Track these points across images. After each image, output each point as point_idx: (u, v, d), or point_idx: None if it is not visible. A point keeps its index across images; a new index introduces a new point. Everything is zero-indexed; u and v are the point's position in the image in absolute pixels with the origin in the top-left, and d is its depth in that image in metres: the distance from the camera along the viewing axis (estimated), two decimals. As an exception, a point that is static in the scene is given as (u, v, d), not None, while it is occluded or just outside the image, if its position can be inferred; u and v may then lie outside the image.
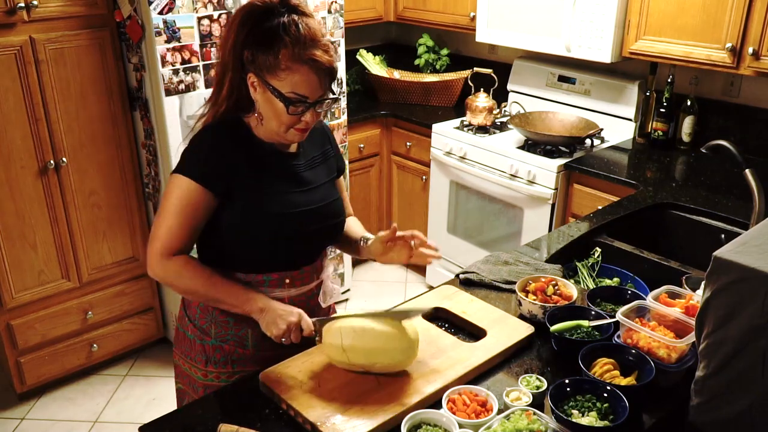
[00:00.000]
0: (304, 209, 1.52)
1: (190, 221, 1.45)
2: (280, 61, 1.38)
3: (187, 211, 1.44)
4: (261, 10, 1.42)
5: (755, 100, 2.88)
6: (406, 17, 3.86)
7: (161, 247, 1.45)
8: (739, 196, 2.48)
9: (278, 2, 1.43)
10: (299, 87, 1.40)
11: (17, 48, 2.54)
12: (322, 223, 1.57)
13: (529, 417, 1.27)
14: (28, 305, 2.84)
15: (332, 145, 1.70)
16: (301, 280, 1.59)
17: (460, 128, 3.39)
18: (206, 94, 2.79)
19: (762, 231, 1.29)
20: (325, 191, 1.60)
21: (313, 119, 1.46)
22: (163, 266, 1.46)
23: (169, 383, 3.09)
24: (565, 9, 2.98)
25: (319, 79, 1.41)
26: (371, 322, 1.44)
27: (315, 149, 1.62)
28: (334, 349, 1.43)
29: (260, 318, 1.48)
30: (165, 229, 1.45)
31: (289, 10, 1.42)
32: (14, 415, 2.91)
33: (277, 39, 1.38)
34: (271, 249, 1.52)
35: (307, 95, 1.41)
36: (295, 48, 1.38)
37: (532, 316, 1.67)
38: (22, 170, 2.67)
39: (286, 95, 1.40)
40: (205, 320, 1.59)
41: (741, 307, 1.18)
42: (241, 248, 1.51)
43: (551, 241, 2.14)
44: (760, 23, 2.43)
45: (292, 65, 1.38)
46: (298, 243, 1.55)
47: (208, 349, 1.59)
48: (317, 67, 1.39)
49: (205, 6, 2.69)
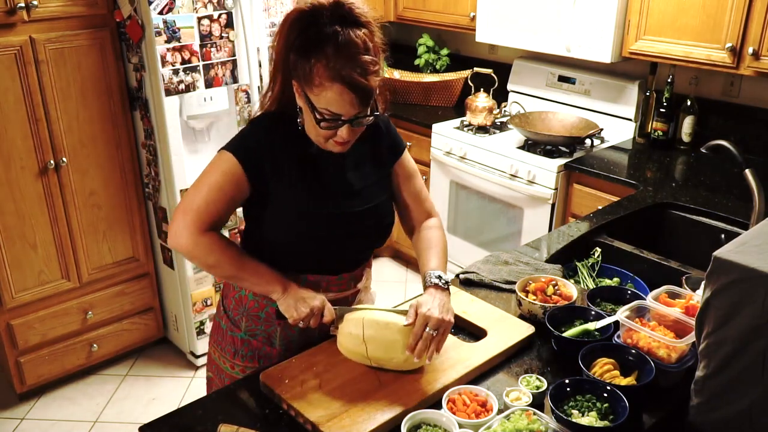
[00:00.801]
0: (337, 212, 1.49)
1: (228, 199, 1.43)
2: (314, 76, 1.32)
3: (228, 188, 1.42)
4: (307, 15, 1.35)
5: (755, 100, 2.88)
6: (406, 17, 3.86)
7: (197, 220, 1.42)
8: (739, 196, 2.48)
9: (328, 6, 1.35)
10: (332, 105, 1.34)
11: (17, 48, 2.54)
12: (361, 228, 1.53)
13: (529, 417, 1.27)
14: (28, 305, 2.84)
15: (383, 131, 1.58)
16: (338, 286, 1.57)
17: (460, 128, 3.40)
18: (206, 94, 2.79)
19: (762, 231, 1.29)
20: (368, 194, 1.53)
21: (350, 135, 1.39)
22: (194, 240, 1.42)
23: (169, 383, 3.09)
24: (565, 9, 2.98)
25: (352, 98, 1.33)
26: (394, 316, 1.44)
27: (363, 144, 1.51)
28: (353, 339, 1.43)
29: (281, 298, 1.46)
30: (203, 202, 1.42)
31: (334, 19, 1.34)
32: (14, 415, 2.91)
33: (314, 51, 1.32)
34: (304, 250, 1.50)
35: (341, 113, 1.35)
36: (329, 64, 1.30)
37: (532, 316, 1.67)
38: (22, 170, 2.67)
39: (319, 110, 1.35)
40: (237, 312, 1.60)
41: (741, 307, 1.18)
42: (278, 245, 1.50)
43: (551, 241, 2.14)
44: (760, 23, 2.43)
45: (325, 82, 1.32)
46: (334, 247, 1.52)
47: (237, 341, 1.61)
48: (351, 87, 1.32)
49: (205, 6, 2.69)
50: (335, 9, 1.34)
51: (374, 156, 1.56)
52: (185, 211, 1.43)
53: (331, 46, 1.31)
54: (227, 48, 2.80)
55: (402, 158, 1.62)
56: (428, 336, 1.39)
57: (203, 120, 2.83)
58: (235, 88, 2.89)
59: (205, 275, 3.01)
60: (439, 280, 1.49)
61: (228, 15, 2.76)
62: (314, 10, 1.35)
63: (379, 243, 1.62)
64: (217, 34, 2.75)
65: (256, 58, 2.87)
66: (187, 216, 1.42)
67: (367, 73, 1.33)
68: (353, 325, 1.44)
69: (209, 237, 1.44)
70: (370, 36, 1.37)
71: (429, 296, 1.46)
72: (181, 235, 1.43)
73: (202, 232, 1.43)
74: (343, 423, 1.31)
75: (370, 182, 1.54)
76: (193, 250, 1.44)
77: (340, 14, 1.34)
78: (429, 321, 1.39)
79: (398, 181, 1.63)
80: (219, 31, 2.75)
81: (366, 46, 1.35)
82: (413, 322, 1.40)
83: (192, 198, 1.43)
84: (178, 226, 1.43)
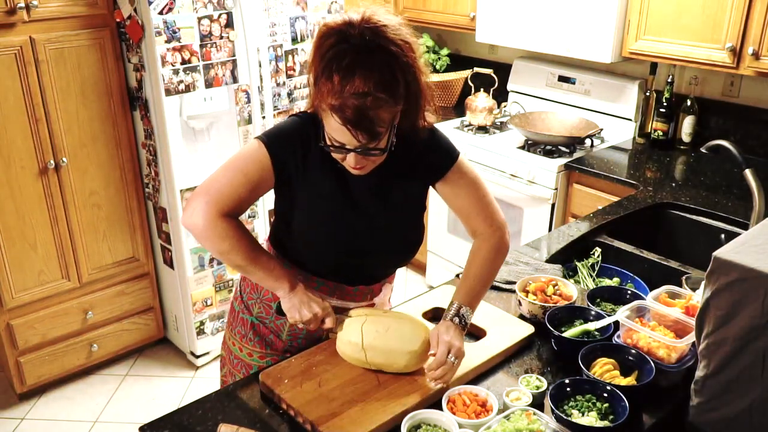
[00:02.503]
0: (357, 225, 1.46)
1: (251, 185, 1.39)
2: (322, 97, 1.27)
3: (253, 174, 1.38)
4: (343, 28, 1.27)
5: (755, 100, 2.88)
6: (406, 17, 3.85)
7: (218, 201, 1.37)
8: (739, 196, 2.48)
9: (357, 24, 1.27)
10: (335, 133, 1.29)
11: (17, 48, 2.54)
12: (382, 244, 1.49)
13: (529, 417, 1.27)
14: (28, 305, 2.84)
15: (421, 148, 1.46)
16: (353, 297, 1.56)
17: (460, 128, 3.39)
18: (206, 94, 2.79)
19: (762, 231, 1.29)
20: (395, 210, 1.48)
21: (360, 163, 1.33)
22: (211, 222, 1.37)
23: (169, 383, 3.09)
24: (565, 9, 2.98)
25: (352, 133, 1.26)
26: (392, 323, 1.44)
27: (397, 159, 1.42)
28: (352, 346, 1.43)
29: (286, 297, 1.44)
30: (226, 184, 1.38)
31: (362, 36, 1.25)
32: (14, 415, 2.91)
33: (326, 70, 1.25)
34: (322, 257, 1.49)
35: (343, 143, 1.30)
36: (334, 92, 1.24)
37: (532, 316, 1.67)
38: (22, 170, 2.67)
39: (327, 134, 1.32)
40: (252, 297, 1.62)
41: (741, 307, 1.18)
42: (300, 245, 1.50)
43: (551, 241, 2.14)
44: (760, 23, 2.43)
45: (329, 109, 1.26)
46: (352, 260, 1.50)
47: (246, 324, 1.62)
48: (350, 123, 1.24)
49: (205, 6, 2.69)
50: (365, 28, 1.26)
51: (407, 172, 1.47)
52: (206, 191, 1.38)
53: (341, 70, 1.23)
54: (227, 48, 2.80)
55: (450, 174, 1.50)
56: (449, 363, 1.39)
57: (203, 120, 2.83)
58: (235, 88, 2.89)
59: (205, 275, 3.01)
60: (460, 319, 1.46)
61: (228, 15, 2.76)
62: (343, 26, 1.27)
63: (403, 261, 1.59)
64: (217, 34, 2.75)
65: (256, 58, 2.87)
66: (208, 196, 1.37)
67: (370, 109, 1.24)
68: (352, 332, 1.43)
69: (227, 222, 1.39)
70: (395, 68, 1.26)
71: (447, 327, 1.44)
72: (198, 215, 1.37)
73: (221, 216, 1.38)
74: (342, 423, 1.31)
75: (402, 200, 1.49)
76: (208, 232, 1.39)
77: (367, 36, 1.26)
78: (452, 348, 1.39)
79: (448, 197, 1.54)
80: (219, 31, 2.75)
81: (380, 79, 1.24)
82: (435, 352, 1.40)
83: (215, 178, 1.39)
84: (197, 205, 1.37)
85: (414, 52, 1.32)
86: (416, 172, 1.49)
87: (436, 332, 1.44)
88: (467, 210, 1.54)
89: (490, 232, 1.55)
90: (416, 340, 1.43)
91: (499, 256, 1.56)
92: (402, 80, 1.28)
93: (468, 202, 1.53)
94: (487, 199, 1.55)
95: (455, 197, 1.53)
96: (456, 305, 1.47)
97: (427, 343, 1.44)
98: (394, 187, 1.47)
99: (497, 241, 1.55)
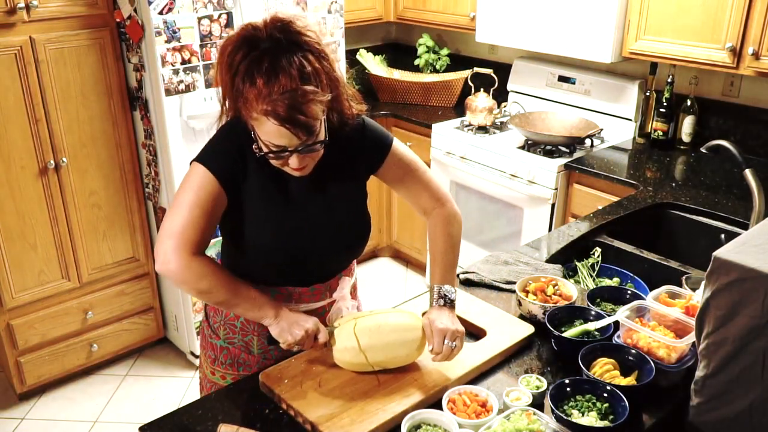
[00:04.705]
0: (305, 225, 1.45)
1: (209, 215, 1.37)
2: (250, 108, 1.26)
3: (207, 204, 1.36)
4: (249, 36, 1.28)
5: (755, 100, 2.88)
6: (406, 17, 3.86)
7: (184, 243, 1.35)
8: (739, 196, 2.48)
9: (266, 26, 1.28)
10: (272, 137, 1.28)
11: (17, 48, 2.54)
12: (331, 241, 1.49)
13: (529, 417, 1.27)
14: (28, 305, 2.84)
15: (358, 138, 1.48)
16: (311, 297, 1.55)
17: (460, 128, 3.40)
18: (206, 94, 2.79)
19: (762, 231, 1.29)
20: (340, 206, 1.49)
21: (302, 162, 1.33)
22: (185, 264, 1.35)
23: (169, 383, 3.09)
24: (565, 9, 2.98)
25: (291, 131, 1.25)
26: (381, 318, 1.45)
27: (335, 154, 1.43)
28: (350, 351, 1.42)
29: (274, 323, 1.42)
30: (185, 223, 1.35)
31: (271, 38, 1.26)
32: (14, 415, 2.91)
33: (246, 79, 1.24)
34: (272, 262, 1.47)
35: (283, 145, 1.29)
36: (260, 96, 1.23)
37: (532, 316, 1.67)
38: (22, 170, 2.67)
39: (263, 141, 1.30)
40: (216, 320, 1.60)
41: (741, 307, 1.18)
42: (248, 256, 1.47)
43: (551, 241, 2.14)
44: (760, 23, 2.43)
45: (259, 116, 1.25)
46: (304, 260, 1.49)
47: (216, 348, 1.60)
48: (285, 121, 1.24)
49: (205, 6, 2.69)
50: (272, 29, 1.27)
51: (347, 166, 1.48)
52: (169, 235, 1.36)
53: (263, 75, 1.23)
54: (227, 48, 2.80)
55: (387, 161, 1.53)
56: (448, 348, 1.41)
57: (203, 120, 2.83)
58: (235, 88, 2.88)
59: (205, 275, 3.01)
60: (444, 300, 1.49)
61: (228, 15, 2.76)
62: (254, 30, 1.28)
63: (354, 252, 1.58)
64: (217, 34, 2.75)
65: (256, 58, 2.87)
66: (173, 240, 1.35)
67: (302, 104, 1.24)
68: (346, 338, 1.43)
69: (200, 261, 1.37)
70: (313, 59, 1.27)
71: (437, 312, 1.47)
72: (170, 261, 1.35)
73: (192, 256, 1.36)
74: (342, 423, 1.31)
75: (342, 194, 1.49)
76: (184, 275, 1.37)
77: (276, 36, 1.26)
78: (447, 334, 1.41)
79: (390, 181, 1.58)
80: (219, 31, 2.75)
81: (303, 73, 1.25)
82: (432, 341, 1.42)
83: (173, 219, 1.37)
84: (166, 251, 1.36)
85: (327, 50, 1.32)
86: (354, 163, 1.49)
87: (427, 323, 1.44)
88: (413, 191, 1.58)
89: (439, 206, 1.60)
90: (411, 328, 1.44)
91: (455, 225, 1.61)
92: (322, 69, 1.29)
93: (411, 184, 1.57)
94: (428, 176, 1.59)
95: (398, 181, 1.57)
96: (436, 288, 1.51)
97: (419, 328, 1.44)
98: (332, 182, 1.47)
99: (448, 212, 1.60)
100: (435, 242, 1.59)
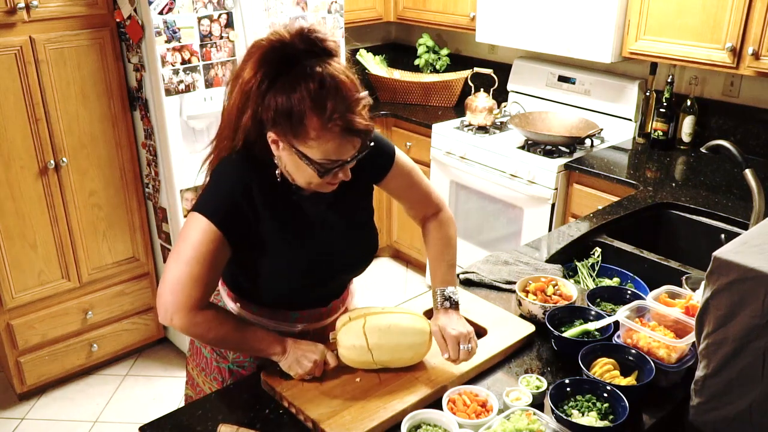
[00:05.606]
0: (323, 251, 1.42)
1: (212, 267, 1.31)
2: (308, 130, 1.20)
3: (210, 258, 1.29)
4: (279, 52, 1.22)
5: (755, 100, 2.88)
6: (406, 17, 3.86)
7: (186, 300, 1.30)
8: (739, 196, 2.48)
9: (295, 35, 1.22)
10: (331, 154, 1.23)
11: (17, 48, 2.54)
12: (347, 260, 1.48)
13: (529, 417, 1.27)
14: (28, 305, 2.84)
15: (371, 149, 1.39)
16: (328, 313, 1.55)
17: (460, 128, 3.40)
18: (206, 94, 2.79)
19: (762, 231, 1.29)
20: (350, 225, 1.46)
21: (348, 173, 1.31)
22: (190, 321, 1.31)
23: (169, 383, 3.09)
24: (565, 9, 2.98)
25: (354, 142, 1.24)
26: (391, 318, 1.45)
27: None
28: (358, 350, 1.41)
29: (282, 359, 1.41)
30: (186, 280, 1.29)
31: (309, 51, 1.21)
32: (14, 415, 2.91)
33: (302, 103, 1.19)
34: (294, 291, 1.45)
35: (342, 158, 1.25)
36: (326, 114, 1.19)
37: (532, 316, 1.67)
38: (22, 170, 2.67)
39: (317, 161, 1.24)
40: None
41: (741, 307, 1.18)
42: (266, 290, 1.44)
43: (551, 241, 2.14)
44: (760, 23, 2.43)
45: (323, 134, 1.20)
46: (324, 283, 1.48)
47: (224, 372, 1.55)
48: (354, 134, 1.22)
49: (205, 6, 2.69)
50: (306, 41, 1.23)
51: (353, 183, 1.39)
52: (171, 291, 1.30)
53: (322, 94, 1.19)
54: (227, 48, 2.80)
55: (391, 171, 1.51)
56: (465, 352, 1.43)
57: (203, 120, 2.83)
58: (235, 88, 2.88)
59: (205, 275, 3.01)
60: (449, 302, 1.50)
61: (228, 15, 2.76)
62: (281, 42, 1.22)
63: (365, 266, 1.56)
64: (217, 34, 2.75)
65: (256, 58, 2.86)
66: (174, 296, 1.30)
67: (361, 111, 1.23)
68: (354, 337, 1.42)
69: (204, 315, 1.33)
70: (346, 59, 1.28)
71: (444, 317, 1.47)
72: (175, 317, 1.31)
73: (196, 312, 1.31)
74: (343, 420, 1.31)
75: (351, 212, 1.47)
76: (190, 332, 1.35)
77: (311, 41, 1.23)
78: (461, 338, 1.43)
79: (392, 190, 1.56)
80: (219, 31, 2.75)
81: (350, 79, 1.24)
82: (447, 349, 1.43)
83: (176, 274, 1.30)
84: (167, 309, 1.31)
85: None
86: (361, 180, 1.44)
87: (437, 329, 1.44)
88: (413, 198, 1.59)
89: (434, 211, 1.61)
90: (420, 332, 1.44)
91: (451, 227, 1.62)
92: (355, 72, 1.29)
93: (412, 191, 1.58)
94: (426, 183, 1.60)
95: (400, 189, 1.57)
96: (439, 291, 1.52)
97: (427, 332, 1.45)
98: (345, 202, 1.44)
99: (443, 216, 1.62)
100: (434, 245, 1.60)
